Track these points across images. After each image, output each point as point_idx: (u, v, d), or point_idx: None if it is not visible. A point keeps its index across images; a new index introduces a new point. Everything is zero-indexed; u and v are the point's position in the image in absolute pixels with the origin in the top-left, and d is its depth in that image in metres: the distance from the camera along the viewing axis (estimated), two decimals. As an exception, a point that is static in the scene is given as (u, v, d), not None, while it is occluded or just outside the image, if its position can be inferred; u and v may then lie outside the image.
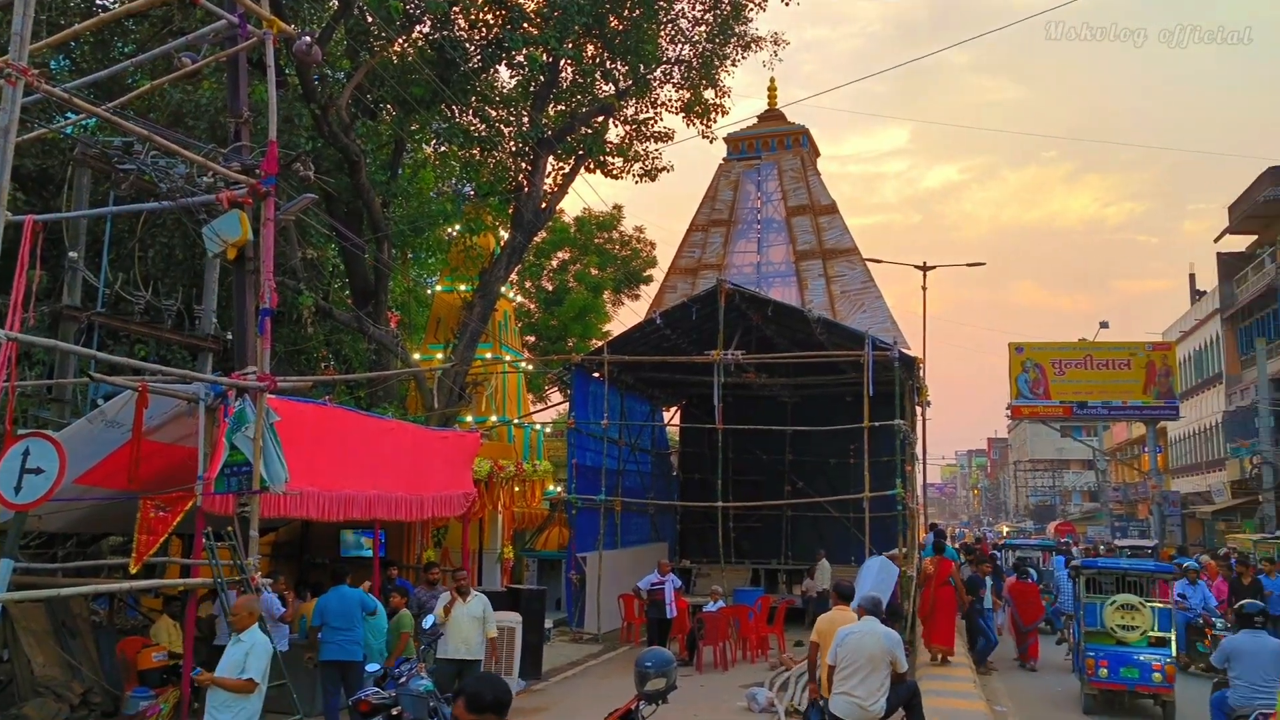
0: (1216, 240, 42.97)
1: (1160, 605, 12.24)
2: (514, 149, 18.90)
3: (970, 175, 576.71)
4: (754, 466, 24.34)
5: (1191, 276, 49.91)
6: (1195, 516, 42.73)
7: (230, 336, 10.98)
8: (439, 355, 19.46)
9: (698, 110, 20.59)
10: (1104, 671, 11.78)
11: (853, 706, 7.34)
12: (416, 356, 19.50)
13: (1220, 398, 41.15)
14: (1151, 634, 12.01)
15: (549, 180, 20.12)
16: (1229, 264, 41.52)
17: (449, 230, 21.93)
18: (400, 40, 17.01)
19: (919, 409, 22.84)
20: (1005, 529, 70.09)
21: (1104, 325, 43.70)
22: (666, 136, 21.53)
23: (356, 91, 16.34)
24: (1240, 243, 41.80)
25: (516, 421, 20.25)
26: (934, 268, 28.11)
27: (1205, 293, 45.96)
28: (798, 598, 20.88)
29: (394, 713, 7.41)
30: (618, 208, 34.13)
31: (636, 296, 35.11)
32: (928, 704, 8.79)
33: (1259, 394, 31.61)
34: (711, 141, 21.90)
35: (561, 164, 20.19)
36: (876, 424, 18.50)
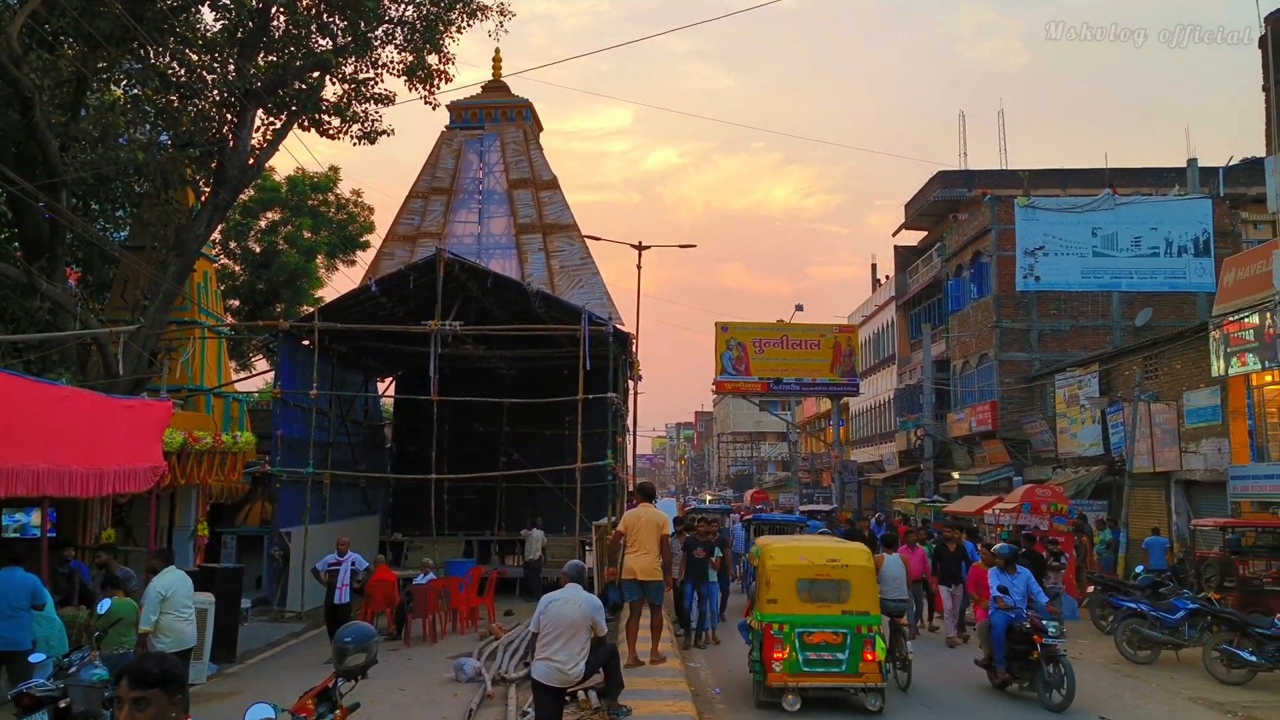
0: (894, 235, 47.68)
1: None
2: (218, 98, 17.61)
3: (688, 160, 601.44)
4: (470, 438, 24.29)
5: (873, 266, 55.07)
6: (870, 484, 47.34)
7: None
8: (126, 318, 17.86)
9: (420, 75, 20.07)
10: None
11: (554, 671, 7.60)
12: (99, 319, 17.79)
13: (893, 376, 45.76)
14: None
15: (257, 135, 18.93)
16: (904, 256, 46.18)
17: (141, 182, 20.10)
18: (85, -34, 15.33)
19: (631, 383, 23.74)
20: (709, 497, 74.34)
21: (799, 308, 47.29)
22: (387, 99, 20.81)
23: (32, 20, 14.58)
24: (914, 238, 46.59)
25: (215, 391, 19.00)
26: (649, 247, 29.18)
27: (884, 281, 50.82)
28: (510, 567, 21.16)
29: (61, 705, 6.81)
30: (334, 169, 32.65)
31: (352, 263, 33.86)
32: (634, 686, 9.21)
33: (924, 373, 35.41)
34: (434, 108, 21.41)
35: (272, 119, 19.04)
36: (591, 397, 19.05)
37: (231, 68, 17.18)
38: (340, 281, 40.94)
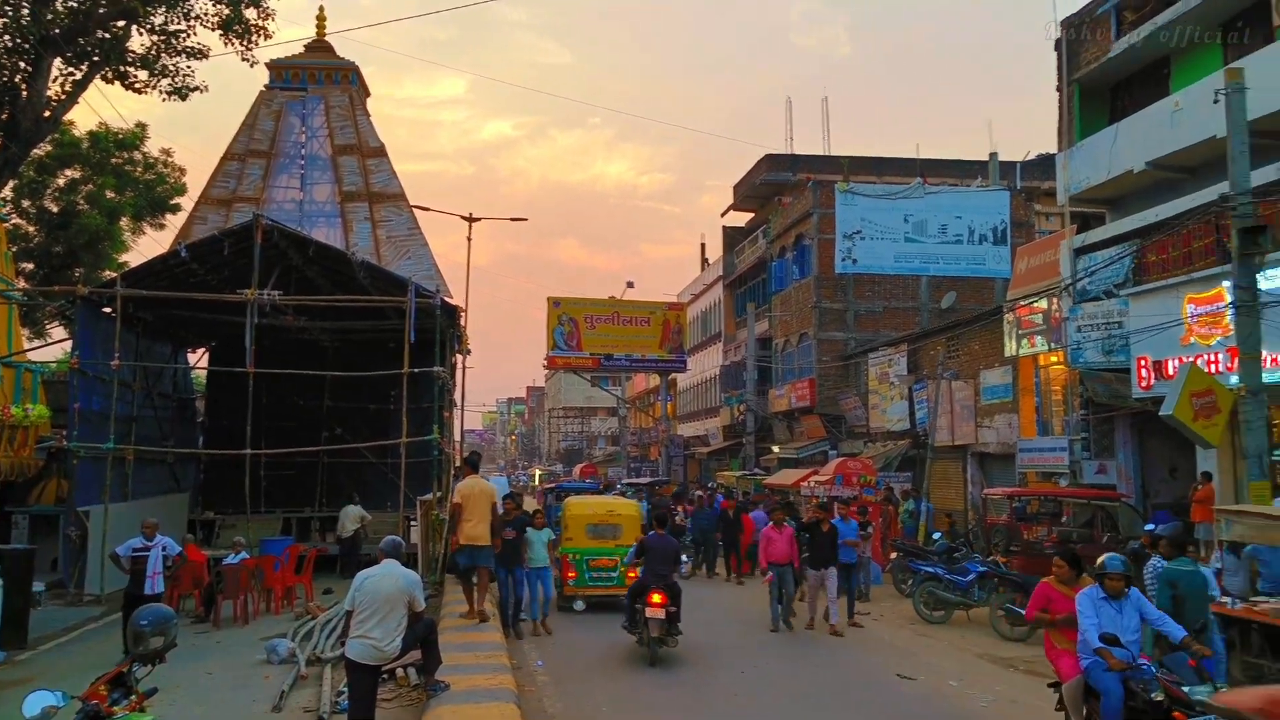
0: (723, 215, 48.78)
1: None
2: (9, 45, 16.27)
3: (523, 132, 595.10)
4: (289, 412, 23.48)
5: (702, 246, 56.26)
6: (695, 457, 48.55)
7: None
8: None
9: (237, 29, 19.17)
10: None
11: (369, 648, 7.52)
12: None
13: (719, 353, 47.00)
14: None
15: (55, 86, 17.64)
16: (732, 237, 47.37)
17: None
18: None
19: (460, 357, 23.47)
20: (538, 472, 74.40)
21: (630, 285, 47.96)
22: (201, 54, 19.77)
23: None
24: (742, 219, 47.81)
25: (4, 360, 17.64)
26: (480, 219, 28.87)
27: (712, 261, 52.01)
28: (331, 545, 20.64)
29: None
30: (141, 125, 30.65)
31: (161, 226, 31.96)
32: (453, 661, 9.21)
33: (748, 351, 36.56)
34: (253, 66, 20.48)
35: (71, 70, 17.77)
36: (417, 371, 18.74)
37: (25, 12, 15.89)
38: (148, 246, 38.51)
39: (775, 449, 36.29)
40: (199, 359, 25.47)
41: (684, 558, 16.77)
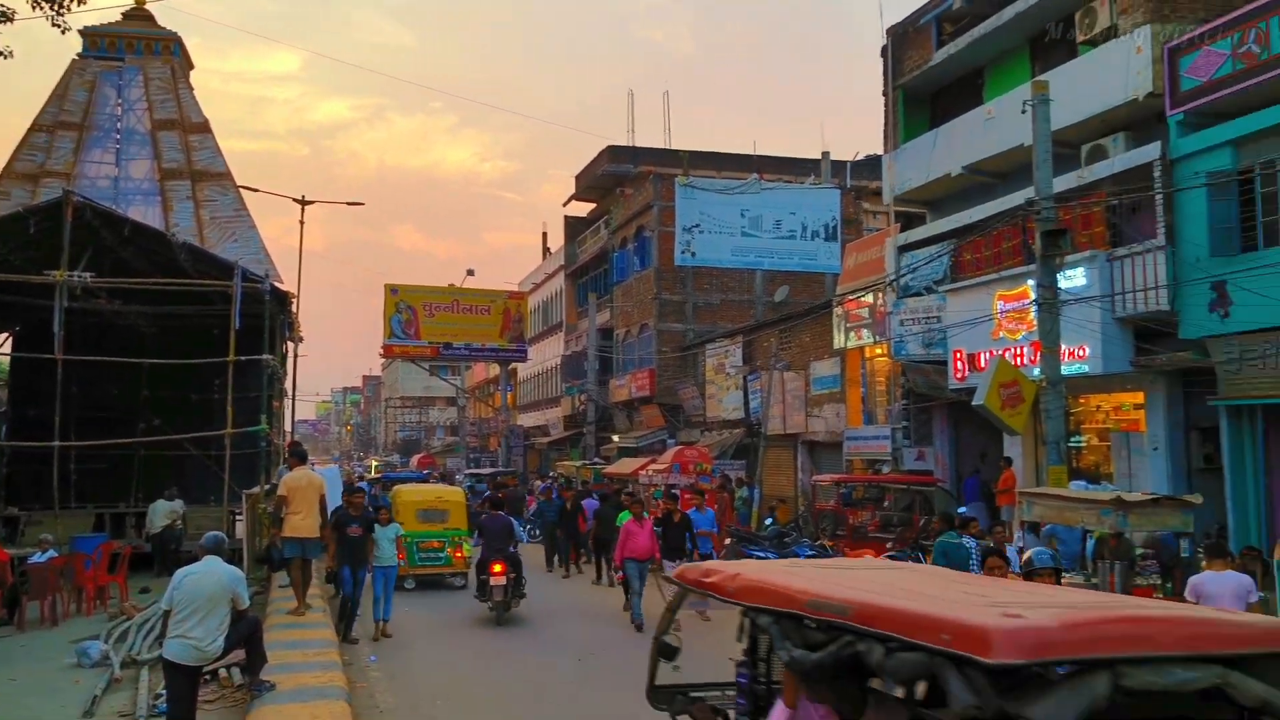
0: (565, 205, 48.82)
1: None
2: None
3: (361, 114, 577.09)
4: (104, 402, 22.05)
5: (544, 235, 56.07)
6: (535, 447, 48.47)
7: None
8: None
9: (44, -8, 17.80)
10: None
11: (188, 648, 7.21)
12: None
13: (561, 343, 47.06)
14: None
15: None
16: (574, 227, 47.44)
17: None
18: None
19: (291, 344, 22.66)
20: (374, 463, 72.65)
21: (470, 273, 47.32)
22: (5, 16, 18.29)
23: None
24: (584, 209, 47.96)
25: None
26: (312, 202, 27.94)
27: (553, 251, 51.96)
28: (146, 542, 19.56)
29: None
30: (-68, 89, 28.14)
31: (-45, 200, 29.38)
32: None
33: (589, 341, 36.77)
34: (64, 32, 19.07)
35: None
36: (244, 359, 17.99)
37: None
38: (-60, 221, 35.38)
39: (615, 438, 36.64)
40: (1, 344, 23.64)
41: (522, 534, 18.21)
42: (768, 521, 20.36)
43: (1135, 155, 15.08)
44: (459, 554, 17.09)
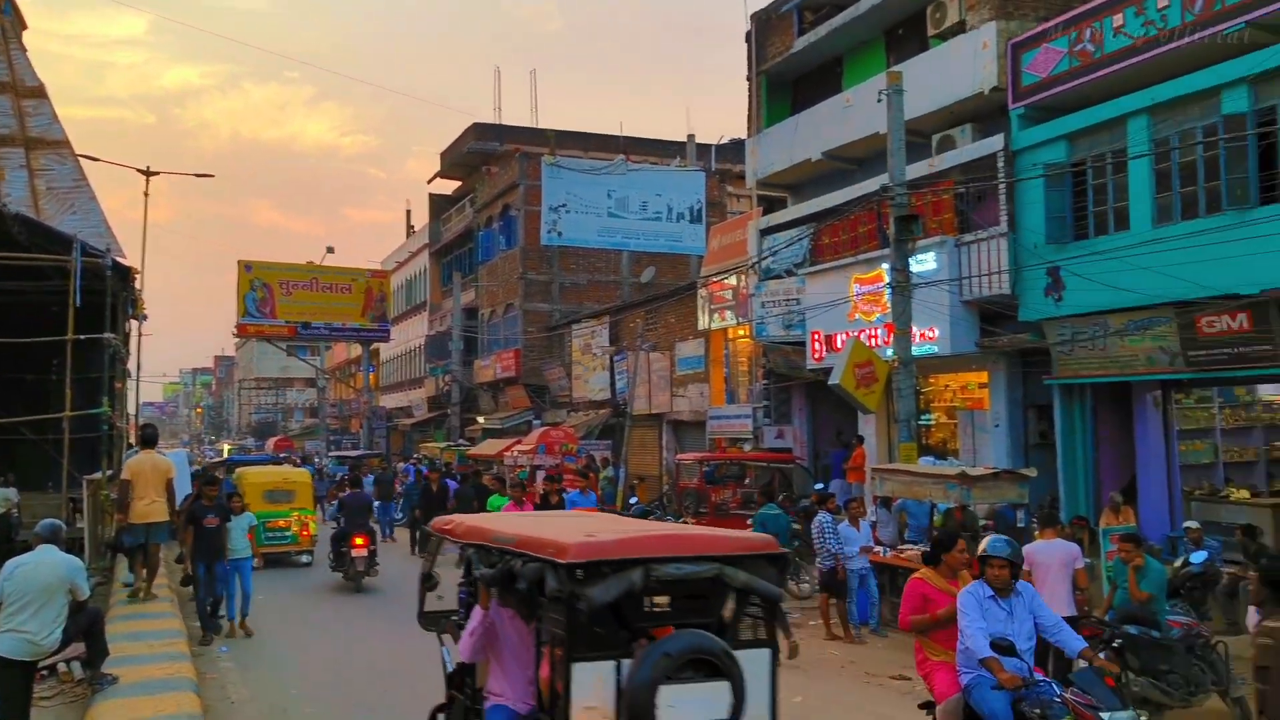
0: (429, 182, 47.87)
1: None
2: None
3: (212, 81, 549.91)
4: (-77, 384, 20.51)
5: (408, 213, 54.97)
6: (398, 429, 47.60)
7: None
8: None
9: None
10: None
11: (22, 642, 6.80)
12: None
13: (425, 323, 46.25)
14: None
15: None
16: (438, 205, 46.61)
17: None
18: None
19: (135, 323, 21.53)
20: (227, 447, 69.90)
21: (330, 250, 45.83)
22: None
23: None
24: (449, 186, 47.15)
25: None
26: (157, 173, 26.51)
27: (417, 229, 50.97)
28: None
29: None
30: None
31: None
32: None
33: (454, 321, 36.26)
34: None
35: None
36: (84, 337, 17.00)
37: None
38: None
39: (480, 419, 36.32)
40: None
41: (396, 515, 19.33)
42: (632, 501, 20.57)
43: (981, 146, 15.80)
44: (305, 532, 18.11)
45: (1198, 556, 10.68)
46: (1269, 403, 14.79)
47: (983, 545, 6.10)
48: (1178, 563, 10.88)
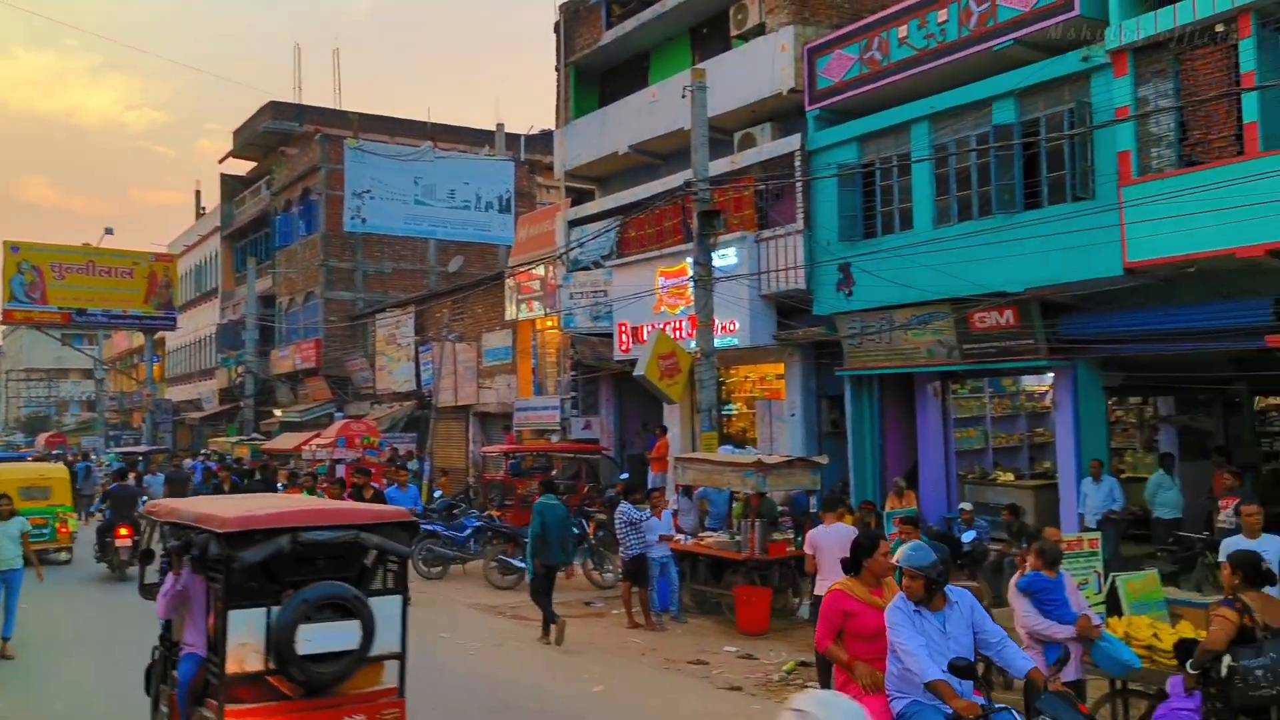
0: (221, 161, 45.32)
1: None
2: None
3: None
4: None
5: (198, 194, 51.70)
6: (186, 423, 44.89)
7: None
8: None
9: None
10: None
11: None
12: None
13: (216, 311, 43.75)
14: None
15: None
16: (232, 186, 44.14)
17: None
18: None
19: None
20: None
21: (109, 231, 42.81)
22: None
23: None
24: (243, 167, 44.71)
25: None
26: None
27: (208, 210, 48.11)
28: None
29: None
30: None
31: None
32: None
33: (248, 309, 34.48)
34: None
35: None
36: None
37: None
38: None
39: (277, 412, 34.71)
40: None
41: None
42: (437, 494, 20.18)
43: (780, 145, 16.35)
44: (64, 529, 17.48)
45: (968, 535, 11.45)
46: (1031, 392, 16.07)
47: (898, 554, 5.17)
48: (951, 542, 11.63)
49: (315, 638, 5.36)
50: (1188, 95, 11.10)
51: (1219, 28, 10.79)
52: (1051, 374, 13.82)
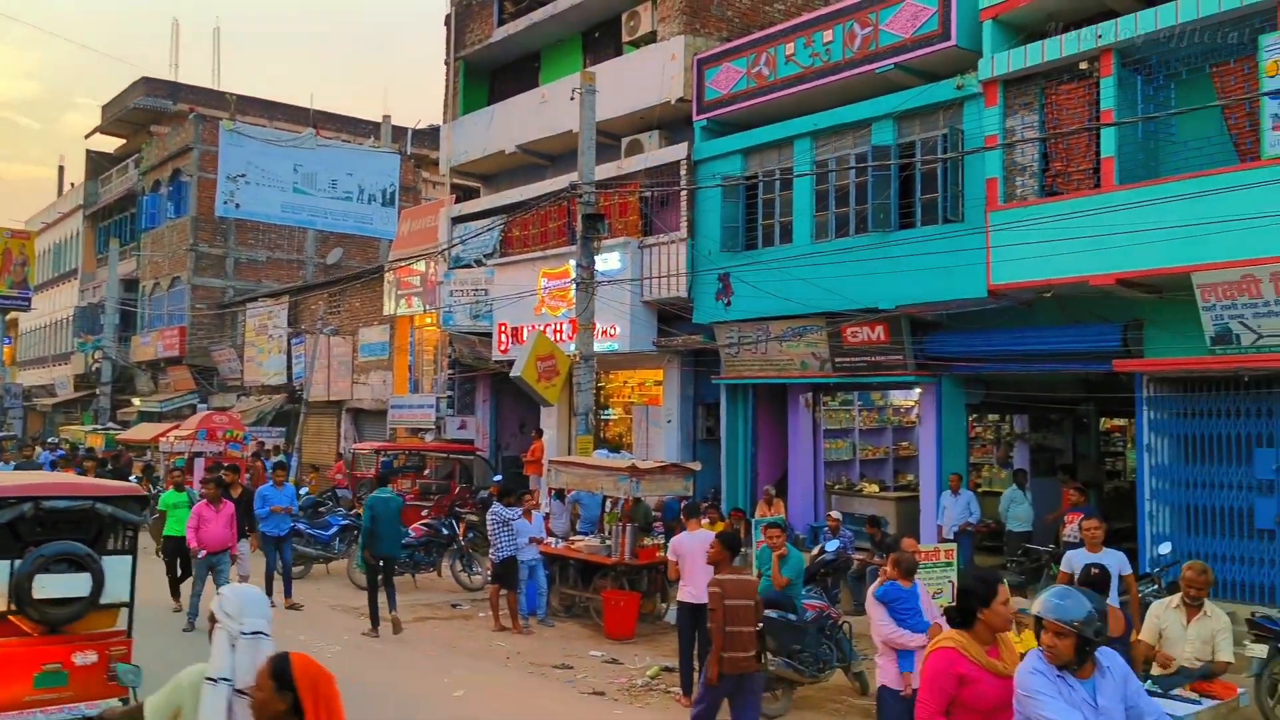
0: (88, 137, 43.10)
1: None
2: None
3: None
4: None
5: (61, 169, 49.18)
6: (38, 409, 42.48)
7: None
8: None
9: None
10: None
11: None
12: None
13: (75, 292, 41.54)
14: None
15: None
16: (98, 163, 42.03)
17: None
18: None
19: None
20: None
21: (-42, 203, 39.97)
22: None
23: None
24: (111, 144, 42.64)
25: None
26: None
27: (72, 187, 45.68)
28: None
29: None
30: None
31: None
32: None
33: (109, 292, 32.84)
34: None
35: None
36: None
37: None
38: None
39: (136, 401, 33.15)
40: None
41: None
42: (302, 491, 19.54)
43: (667, 153, 16.46)
44: None
45: (831, 545, 11.71)
46: (898, 407, 16.58)
47: (1038, 602, 3.86)
48: (815, 550, 11.89)
49: (50, 585, 6.41)
50: (1052, 127, 11.63)
51: (1084, 65, 11.35)
52: (918, 389, 14.29)
